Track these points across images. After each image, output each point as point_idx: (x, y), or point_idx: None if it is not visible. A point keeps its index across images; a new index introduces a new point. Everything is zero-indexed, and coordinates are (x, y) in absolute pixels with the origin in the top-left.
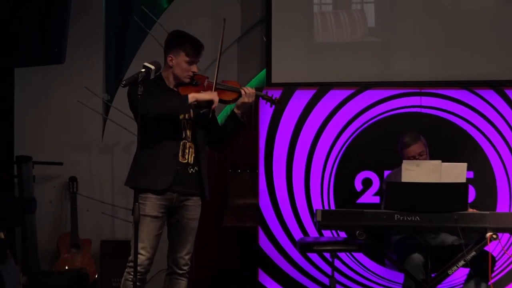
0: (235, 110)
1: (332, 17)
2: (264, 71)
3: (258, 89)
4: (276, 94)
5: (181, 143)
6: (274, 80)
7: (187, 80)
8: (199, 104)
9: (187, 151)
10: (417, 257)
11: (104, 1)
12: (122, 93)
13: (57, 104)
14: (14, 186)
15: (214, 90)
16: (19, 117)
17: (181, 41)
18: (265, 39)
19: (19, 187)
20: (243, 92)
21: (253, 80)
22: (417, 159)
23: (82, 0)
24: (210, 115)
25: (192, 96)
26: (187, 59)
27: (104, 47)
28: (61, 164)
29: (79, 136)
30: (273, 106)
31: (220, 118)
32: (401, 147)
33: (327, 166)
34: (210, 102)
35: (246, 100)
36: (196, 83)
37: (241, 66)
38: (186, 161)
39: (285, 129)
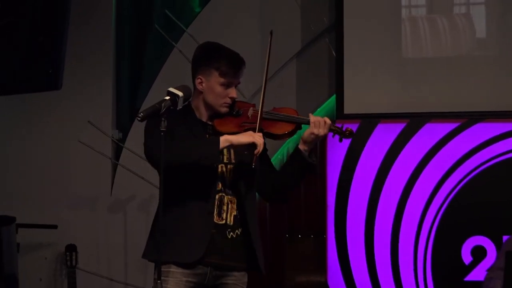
0: (300, 147)
1: (426, 24)
2: (333, 97)
3: None
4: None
5: (217, 196)
6: (347, 110)
7: (225, 110)
8: (235, 150)
9: (224, 207)
10: None
11: (114, 5)
12: (138, 130)
13: (51, 145)
14: None
15: (261, 121)
16: None
17: (213, 56)
18: (334, 54)
19: None
20: (312, 120)
21: (318, 110)
22: None
23: (86, 5)
24: (254, 165)
25: (225, 140)
26: (222, 80)
27: (114, 67)
28: (55, 227)
29: (80, 189)
30: (344, 141)
31: (274, 160)
32: None
33: (423, 229)
34: (252, 146)
35: (315, 131)
36: (238, 112)
37: (301, 91)
38: (223, 221)
39: (364, 177)
